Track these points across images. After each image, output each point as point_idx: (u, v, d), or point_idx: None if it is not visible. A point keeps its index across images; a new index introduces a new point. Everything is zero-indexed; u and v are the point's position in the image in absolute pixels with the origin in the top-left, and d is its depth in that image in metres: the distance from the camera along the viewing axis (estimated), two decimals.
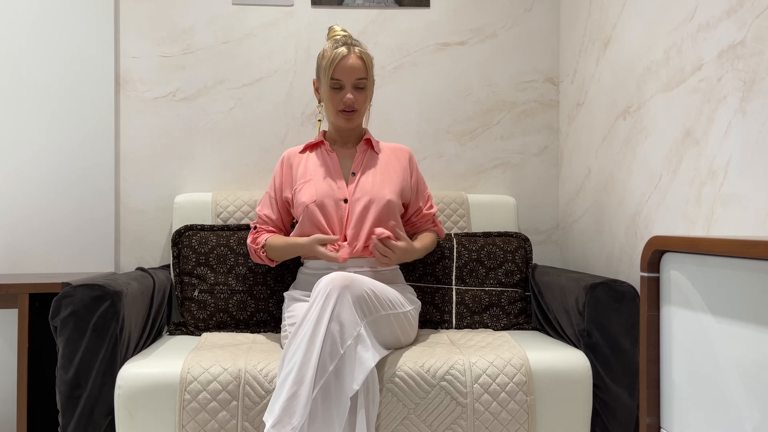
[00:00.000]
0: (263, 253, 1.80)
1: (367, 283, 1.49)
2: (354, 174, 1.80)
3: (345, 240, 1.73)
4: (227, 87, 2.24)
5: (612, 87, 1.91)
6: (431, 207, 1.92)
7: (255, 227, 1.84)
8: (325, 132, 1.90)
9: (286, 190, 1.82)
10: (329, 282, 1.42)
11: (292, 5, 2.26)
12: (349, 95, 1.72)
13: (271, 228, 1.83)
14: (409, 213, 1.89)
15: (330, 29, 1.83)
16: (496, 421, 1.48)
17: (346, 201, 1.75)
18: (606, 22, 1.94)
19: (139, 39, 2.21)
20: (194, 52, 2.23)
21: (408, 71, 2.30)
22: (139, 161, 2.22)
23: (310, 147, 1.87)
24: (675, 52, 1.56)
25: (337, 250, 1.70)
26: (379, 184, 1.78)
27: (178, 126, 2.23)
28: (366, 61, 1.74)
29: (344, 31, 1.81)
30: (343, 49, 1.72)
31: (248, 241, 1.84)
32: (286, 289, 1.88)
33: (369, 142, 1.86)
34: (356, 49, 1.74)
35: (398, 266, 1.85)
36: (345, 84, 1.72)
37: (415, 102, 2.30)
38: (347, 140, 1.86)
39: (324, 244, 1.66)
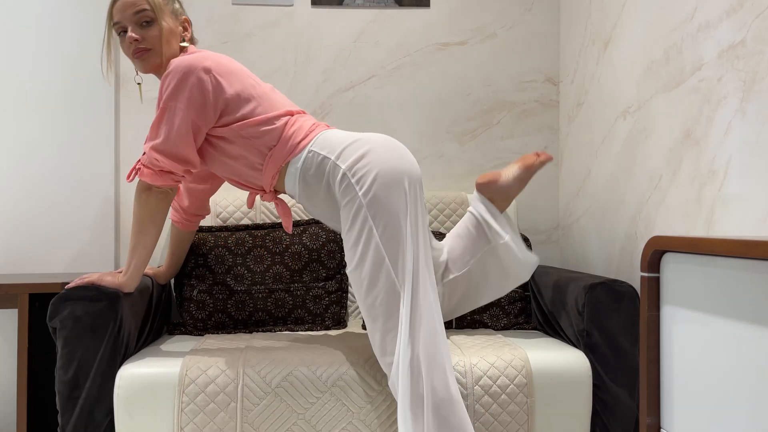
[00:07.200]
0: None
1: None
2: None
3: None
4: None
5: (612, 87, 1.90)
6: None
7: None
8: None
9: None
10: None
11: (292, 5, 2.26)
12: (131, 34, 1.49)
13: None
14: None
15: None
16: (496, 422, 1.48)
17: None
18: (606, 22, 1.94)
19: None
20: None
21: (408, 71, 2.30)
22: None
23: None
24: (675, 52, 1.55)
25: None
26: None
27: None
28: None
29: None
30: None
31: None
32: (285, 290, 1.88)
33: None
34: None
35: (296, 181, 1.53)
36: (126, 25, 1.50)
37: (415, 102, 2.30)
38: None
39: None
